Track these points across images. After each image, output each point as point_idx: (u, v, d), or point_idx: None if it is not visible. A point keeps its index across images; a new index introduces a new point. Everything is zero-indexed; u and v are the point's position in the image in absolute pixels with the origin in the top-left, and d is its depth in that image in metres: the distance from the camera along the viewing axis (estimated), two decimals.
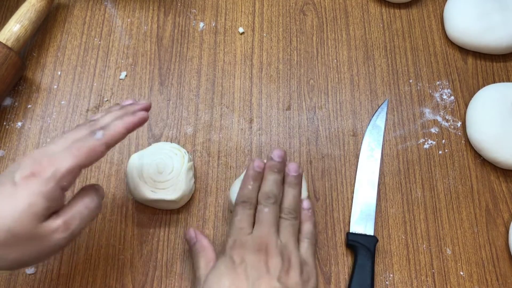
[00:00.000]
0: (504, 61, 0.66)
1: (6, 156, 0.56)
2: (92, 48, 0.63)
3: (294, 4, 0.68)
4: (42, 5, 0.59)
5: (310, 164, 0.58)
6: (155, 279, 0.51)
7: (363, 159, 0.58)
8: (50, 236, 0.38)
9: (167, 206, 0.52)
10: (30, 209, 0.37)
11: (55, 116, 0.59)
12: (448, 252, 0.54)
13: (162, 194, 0.50)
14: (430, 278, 0.53)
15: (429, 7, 0.69)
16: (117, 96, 0.60)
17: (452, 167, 0.59)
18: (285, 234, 0.45)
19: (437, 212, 0.56)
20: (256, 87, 0.62)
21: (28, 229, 0.37)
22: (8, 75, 0.55)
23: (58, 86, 0.60)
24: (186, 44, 0.64)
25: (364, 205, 0.55)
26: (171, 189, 0.51)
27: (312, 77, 0.63)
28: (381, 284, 0.52)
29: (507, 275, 0.53)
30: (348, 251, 0.53)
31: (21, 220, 0.37)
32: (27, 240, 0.37)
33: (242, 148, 0.58)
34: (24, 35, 0.58)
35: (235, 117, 0.60)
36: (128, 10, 0.66)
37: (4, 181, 0.38)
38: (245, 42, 0.64)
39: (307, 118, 0.60)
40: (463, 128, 0.61)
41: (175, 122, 0.59)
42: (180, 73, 0.62)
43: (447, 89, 0.63)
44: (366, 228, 0.54)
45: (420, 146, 0.60)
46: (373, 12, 0.68)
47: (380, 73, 0.64)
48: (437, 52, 0.66)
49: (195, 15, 0.66)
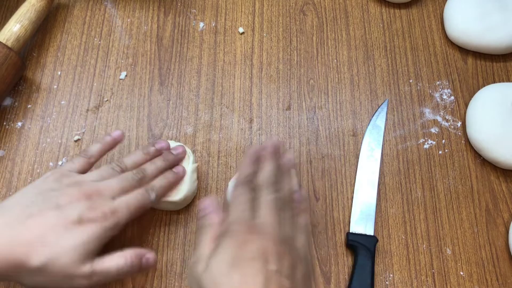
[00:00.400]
0: (504, 61, 0.66)
1: (6, 156, 0.56)
2: (92, 48, 0.63)
3: (294, 4, 0.68)
4: (42, 5, 0.59)
5: (310, 164, 0.58)
6: (155, 279, 0.51)
7: (363, 159, 0.58)
8: (76, 278, 0.41)
9: (169, 207, 0.52)
10: (83, 248, 0.41)
11: (55, 116, 0.59)
12: (448, 252, 0.54)
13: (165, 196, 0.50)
14: (430, 278, 0.53)
15: (429, 7, 0.69)
16: (117, 96, 0.60)
17: (452, 167, 0.59)
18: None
19: (437, 212, 0.56)
20: (256, 87, 0.62)
21: (69, 265, 0.40)
22: (8, 75, 0.55)
23: (58, 86, 0.60)
24: (186, 44, 0.64)
25: (364, 205, 0.55)
26: (174, 190, 0.51)
27: (312, 77, 0.63)
28: (381, 284, 0.52)
29: (507, 275, 0.53)
30: (348, 251, 0.53)
31: (70, 255, 0.40)
32: (62, 275, 0.40)
33: (242, 148, 0.58)
34: (24, 35, 0.58)
35: (235, 117, 0.60)
36: (128, 10, 0.66)
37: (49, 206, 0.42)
38: (245, 42, 0.64)
39: (307, 118, 0.60)
40: (463, 128, 0.61)
41: (175, 122, 0.59)
42: (180, 73, 0.62)
43: (447, 89, 0.63)
44: (366, 228, 0.54)
45: (420, 146, 0.60)
46: (373, 12, 0.68)
47: (380, 73, 0.64)
48: (437, 52, 0.66)
49: (195, 15, 0.66)
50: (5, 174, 0.55)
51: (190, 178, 0.51)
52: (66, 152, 0.56)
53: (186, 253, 0.52)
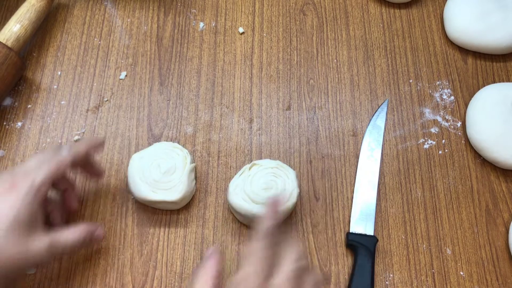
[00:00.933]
0: (504, 61, 0.66)
1: (6, 156, 0.56)
2: (92, 48, 0.63)
3: (294, 4, 0.68)
4: (42, 5, 0.59)
5: (310, 164, 0.58)
6: (155, 279, 0.51)
7: (363, 159, 0.58)
8: (34, 251, 0.42)
9: (168, 207, 0.52)
10: (16, 220, 0.41)
11: (55, 116, 0.59)
12: (448, 252, 0.54)
13: (163, 195, 0.50)
14: (430, 278, 0.53)
15: (429, 7, 0.69)
16: (117, 96, 0.60)
17: (452, 167, 0.59)
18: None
19: (437, 212, 0.56)
20: (256, 87, 0.62)
21: (16, 241, 0.41)
22: (8, 75, 0.55)
23: (58, 86, 0.60)
24: (186, 44, 0.64)
25: (364, 205, 0.55)
26: (172, 190, 0.51)
27: (312, 77, 0.63)
28: (381, 284, 0.52)
29: (507, 275, 0.53)
30: (348, 251, 0.53)
31: (10, 231, 0.41)
32: (14, 253, 0.41)
33: (242, 148, 0.58)
34: (24, 35, 0.58)
35: (235, 117, 0.60)
36: (128, 10, 0.66)
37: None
38: (245, 42, 0.64)
39: (307, 118, 0.60)
40: (463, 128, 0.61)
41: (175, 122, 0.59)
42: (180, 73, 0.62)
43: (447, 89, 0.63)
44: (366, 228, 0.54)
45: (420, 146, 0.60)
46: (373, 12, 0.68)
47: (380, 73, 0.64)
48: (437, 52, 0.66)
49: (195, 15, 0.66)
50: None
51: (188, 178, 0.52)
52: None
53: (186, 253, 0.52)
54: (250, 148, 0.58)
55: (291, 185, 0.51)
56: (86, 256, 0.52)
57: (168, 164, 0.51)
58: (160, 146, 0.53)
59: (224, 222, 0.54)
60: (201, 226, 0.53)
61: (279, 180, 0.51)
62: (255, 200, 0.50)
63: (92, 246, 0.52)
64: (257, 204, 0.50)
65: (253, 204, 0.50)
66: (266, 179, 0.51)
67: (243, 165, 0.57)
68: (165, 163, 0.51)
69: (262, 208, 0.49)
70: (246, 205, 0.50)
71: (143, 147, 0.57)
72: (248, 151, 0.58)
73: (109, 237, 0.52)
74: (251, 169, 0.52)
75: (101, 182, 0.55)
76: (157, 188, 0.51)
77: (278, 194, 0.49)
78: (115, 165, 0.56)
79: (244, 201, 0.50)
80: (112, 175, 0.56)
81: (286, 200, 0.50)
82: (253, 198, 0.50)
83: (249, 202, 0.50)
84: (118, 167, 0.56)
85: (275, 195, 0.48)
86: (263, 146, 0.58)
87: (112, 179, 0.55)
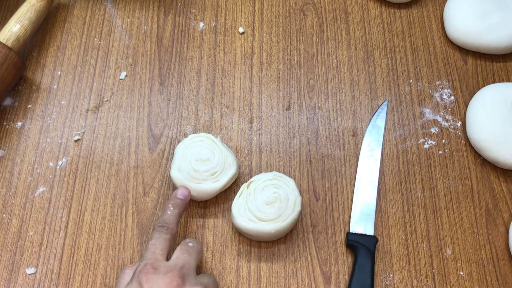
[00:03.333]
0: (504, 61, 0.66)
1: (6, 156, 0.56)
2: (92, 48, 0.63)
3: (294, 4, 0.68)
4: (42, 5, 0.59)
5: (310, 164, 0.58)
6: None
7: (363, 159, 0.58)
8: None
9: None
10: None
11: (55, 116, 0.59)
12: (448, 252, 0.54)
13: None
14: (430, 278, 0.53)
15: (429, 7, 0.69)
16: (117, 96, 0.60)
17: (452, 167, 0.59)
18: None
19: (437, 212, 0.56)
20: (256, 87, 0.62)
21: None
22: (8, 75, 0.55)
23: (58, 86, 0.60)
24: (186, 44, 0.64)
25: (364, 205, 0.55)
26: (223, 172, 0.52)
27: (312, 77, 0.63)
28: (381, 284, 0.52)
29: (507, 275, 0.53)
30: (348, 251, 0.53)
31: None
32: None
33: (242, 148, 0.58)
34: (24, 35, 0.58)
35: (235, 117, 0.60)
36: (128, 10, 0.66)
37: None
38: (245, 42, 0.64)
39: (307, 118, 0.60)
40: (463, 128, 0.61)
41: (175, 122, 0.59)
42: (180, 73, 0.62)
43: (447, 89, 0.63)
44: (366, 228, 0.54)
45: (420, 146, 0.60)
46: (373, 12, 0.68)
47: (380, 73, 0.64)
48: (437, 52, 0.66)
49: (195, 15, 0.66)
50: (5, 174, 0.55)
51: (228, 150, 0.53)
52: (66, 152, 0.56)
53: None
54: (250, 148, 0.58)
55: (293, 193, 0.51)
56: (86, 256, 0.52)
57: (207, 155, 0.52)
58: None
59: (224, 222, 0.54)
60: (201, 226, 0.53)
61: (281, 191, 0.51)
62: (261, 218, 0.49)
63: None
64: (264, 222, 0.50)
65: (260, 223, 0.50)
66: (268, 193, 0.50)
67: (243, 165, 0.57)
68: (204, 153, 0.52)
69: (269, 224, 0.49)
70: (252, 225, 0.50)
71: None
72: (248, 151, 0.58)
73: (109, 237, 0.53)
74: (249, 187, 0.51)
75: (101, 182, 0.55)
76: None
77: (281, 207, 0.50)
78: (115, 165, 0.56)
79: (250, 222, 0.50)
80: (112, 175, 0.56)
81: (291, 211, 0.50)
82: (259, 216, 0.50)
83: (256, 222, 0.50)
84: (118, 167, 0.56)
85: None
86: (263, 146, 0.58)
87: (112, 179, 0.55)
